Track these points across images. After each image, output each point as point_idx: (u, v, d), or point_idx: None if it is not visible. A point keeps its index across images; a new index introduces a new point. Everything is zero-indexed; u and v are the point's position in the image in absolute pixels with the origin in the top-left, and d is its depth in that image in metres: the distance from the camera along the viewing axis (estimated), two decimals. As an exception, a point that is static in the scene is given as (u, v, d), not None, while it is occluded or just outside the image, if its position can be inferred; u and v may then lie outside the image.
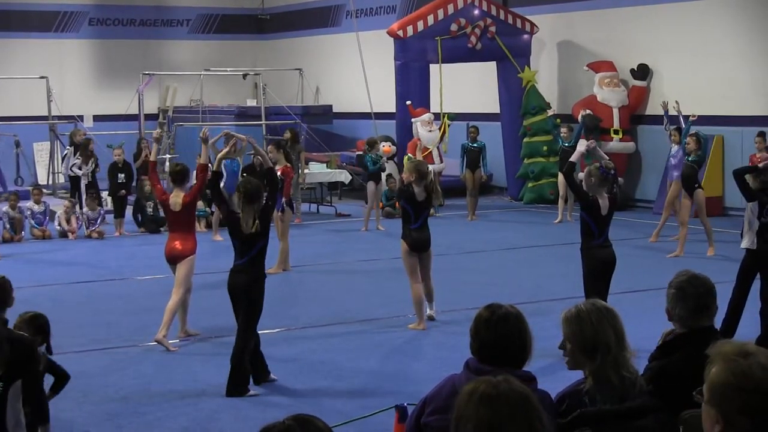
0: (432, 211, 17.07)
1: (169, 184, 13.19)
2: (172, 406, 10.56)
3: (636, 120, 26.10)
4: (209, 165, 12.99)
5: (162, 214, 18.27)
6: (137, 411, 10.43)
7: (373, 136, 25.14)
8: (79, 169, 23.63)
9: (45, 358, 7.63)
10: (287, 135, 24.57)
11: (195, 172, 13.24)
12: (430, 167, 15.83)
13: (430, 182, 13.77)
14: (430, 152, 24.80)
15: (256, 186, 11.19)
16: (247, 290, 10.94)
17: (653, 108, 25.28)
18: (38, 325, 7.55)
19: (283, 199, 17.40)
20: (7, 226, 21.95)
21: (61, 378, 7.76)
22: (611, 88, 25.85)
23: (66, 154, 24.08)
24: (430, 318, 14.02)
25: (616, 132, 25.68)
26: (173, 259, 12.97)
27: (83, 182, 23.61)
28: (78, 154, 24.01)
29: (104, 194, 24.13)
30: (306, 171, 25.16)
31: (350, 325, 14.07)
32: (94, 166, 23.66)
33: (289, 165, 18.43)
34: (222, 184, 17.43)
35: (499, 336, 5.14)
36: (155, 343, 12.73)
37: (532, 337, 5.25)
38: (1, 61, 32.14)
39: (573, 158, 12.65)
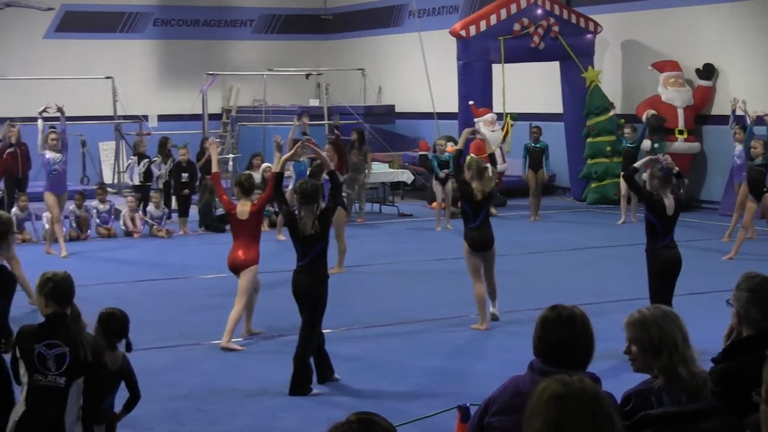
0: (493, 210, 17.02)
1: (236, 194, 13.17)
2: (235, 404, 10.61)
3: (701, 120, 25.86)
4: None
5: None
6: (200, 409, 10.49)
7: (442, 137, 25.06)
8: (158, 168, 23.89)
9: (125, 360, 7.69)
10: (354, 136, 24.73)
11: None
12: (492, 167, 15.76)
13: (489, 180, 13.75)
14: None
15: (313, 187, 11.22)
16: (310, 290, 10.97)
17: (719, 108, 25.07)
18: (110, 321, 7.59)
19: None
20: (74, 224, 22.18)
21: (134, 396, 7.81)
22: (676, 87, 25.63)
23: (130, 164, 24.28)
24: (493, 318, 13.99)
25: (680, 132, 25.47)
26: (236, 269, 13.00)
27: (161, 181, 23.88)
28: (157, 152, 24.31)
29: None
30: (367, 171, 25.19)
31: (412, 324, 14.08)
32: (171, 164, 23.94)
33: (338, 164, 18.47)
34: (290, 187, 17.50)
35: (565, 337, 5.10)
36: (220, 345, 12.80)
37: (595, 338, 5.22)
38: (67, 61, 32.43)
39: (638, 165, 12.57)
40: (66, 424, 6.99)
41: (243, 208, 12.90)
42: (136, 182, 23.92)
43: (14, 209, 21.62)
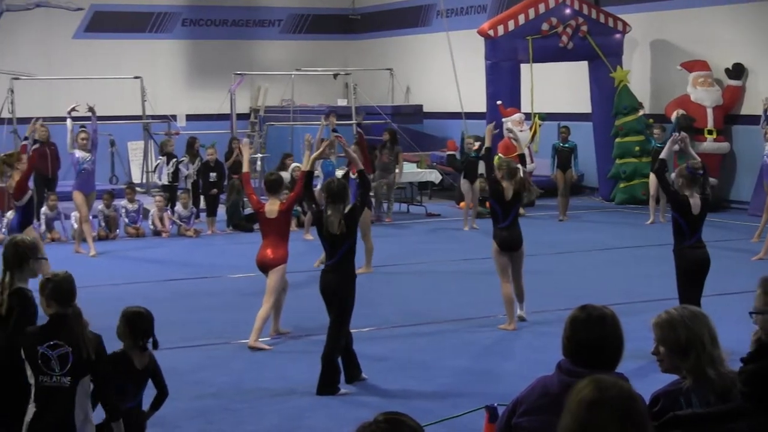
0: (522, 210, 16.99)
1: (265, 193, 13.20)
2: (263, 404, 10.63)
3: (731, 120, 25.74)
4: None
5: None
6: (228, 408, 10.51)
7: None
8: (186, 168, 23.98)
9: (152, 358, 7.71)
10: (386, 136, 24.80)
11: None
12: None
13: (520, 180, 13.73)
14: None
15: (341, 186, 11.23)
16: (337, 290, 10.99)
17: (749, 108, 24.96)
18: (132, 321, 7.61)
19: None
20: (103, 224, 22.27)
21: (162, 393, 7.84)
22: (705, 87, 25.53)
23: (158, 164, 24.36)
24: (521, 319, 13.97)
25: (710, 132, 25.36)
26: (264, 267, 13.02)
27: (189, 181, 23.97)
28: (184, 152, 24.38)
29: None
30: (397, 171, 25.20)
31: (440, 324, 14.07)
32: (199, 164, 24.03)
33: None
34: (318, 186, 17.51)
35: (595, 337, 5.06)
36: (248, 344, 12.83)
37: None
38: (96, 61, 32.54)
39: (663, 155, 12.49)
40: (76, 424, 7.04)
41: (272, 207, 12.91)
42: (164, 182, 23.99)
43: (43, 208, 21.75)
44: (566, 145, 24.47)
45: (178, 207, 23.00)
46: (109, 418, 7.22)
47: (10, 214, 18.32)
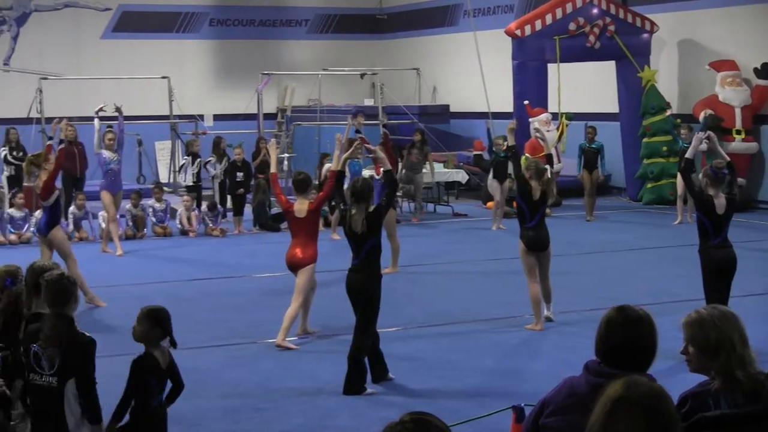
0: (548, 210, 16.94)
1: (294, 192, 13.21)
2: (290, 403, 10.63)
3: (759, 120, 25.63)
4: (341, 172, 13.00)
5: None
6: (255, 407, 10.52)
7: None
8: (213, 168, 24.04)
9: (170, 355, 7.72)
10: (417, 137, 24.86)
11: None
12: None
13: (547, 181, 13.71)
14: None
15: (366, 185, 11.24)
16: (363, 289, 10.99)
17: (777, 107, 24.87)
18: (155, 318, 7.59)
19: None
20: (130, 223, 22.35)
21: (177, 386, 7.83)
22: (733, 87, 25.43)
23: (184, 164, 24.42)
24: (548, 319, 13.94)
25: (738, 132, 25.26)
26: (293, 267, 13.02)
27: (216, 181, 24.03)
28: (211, 152, 24.42)
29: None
30: (424, 171, 25.22)
31: (467, 324, 14.05)
32: (226, 164, 24.08)
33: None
34: (346, 186, 17.50)
35: (631, 340, 5.03)
36: (275, 342, 12.84)
37: None
38: (123, 61, 32.65)
39: (688, 154, 12.45)
40: (69, 424, 7.09)
41: (301, 207, 12.92)
42: (189, 183, 24.02)
43: (71, 207, 21.84)
44: (593, 146, 24.41)
45: (204, 207, 23.04)
46: (89, 420, 7.24)
47: (38, 214, 18.42)
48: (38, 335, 7.14)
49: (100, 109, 19.78)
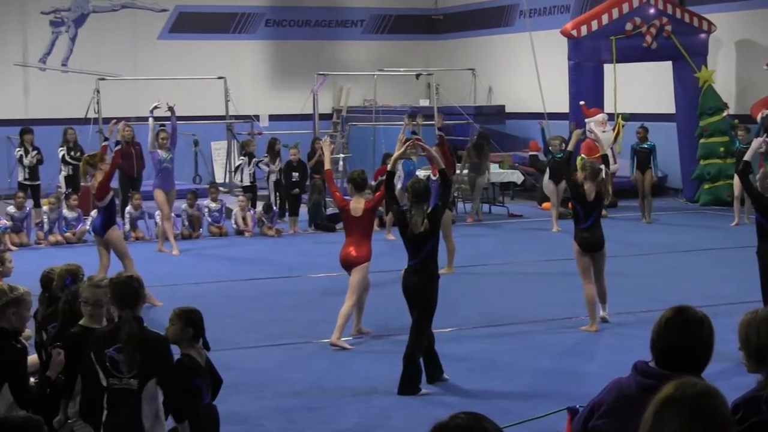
0: (604, 212, 16.89)
1: (350, 190, 13.26)
2: (345, 403, 10.67)
3: (818, 121, 25.40)
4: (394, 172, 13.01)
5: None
6: (310, 407, 10.57)
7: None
8: (267, 166, 24.16)
9: (204, 354, 7.75)
10: (478, 138, 24.95)
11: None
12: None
13: (602, 181, 13.68)
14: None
15: (425, 186, 11.26)
16: (420, 290, 11.00)
17: (837, 108, 24.60)
18: (188, 319, 7.60)
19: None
20: (186, 223, 22.49)
21: (216, 383, 7.87)
22: (792, 87, 25.22)
23: (240, 165, 24.54)
24: (603, 320, 13.90)
25: (796, 132, 25.04)
26: (347, 265, 13.06)
27: (272, 179, 24.17)
28: (265, 152, 24.56)
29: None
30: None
31: (522, 325, 14.04)
32: (281, 164, 24.20)
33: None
34: (399, 186, 17.57)
35: (689, 340, 4.97)
36: (329, 341, 12.89)
37: None
38: (180, 62, 32.87)
39: (747, 156, 12.37)
40: (145, 426, 7.13)
41: (357, 205, 12.96)
42: (246, 183, 24.15)
43: (128, 207, 22.01)
44: (644, 146, 24.22)
45: (259, 207, 23.16)
46: (174, 419, 7.30)
47: (93, 214, 18.58)
48: (108, 339, 7.15)
49: (155, 107, 19.93)
